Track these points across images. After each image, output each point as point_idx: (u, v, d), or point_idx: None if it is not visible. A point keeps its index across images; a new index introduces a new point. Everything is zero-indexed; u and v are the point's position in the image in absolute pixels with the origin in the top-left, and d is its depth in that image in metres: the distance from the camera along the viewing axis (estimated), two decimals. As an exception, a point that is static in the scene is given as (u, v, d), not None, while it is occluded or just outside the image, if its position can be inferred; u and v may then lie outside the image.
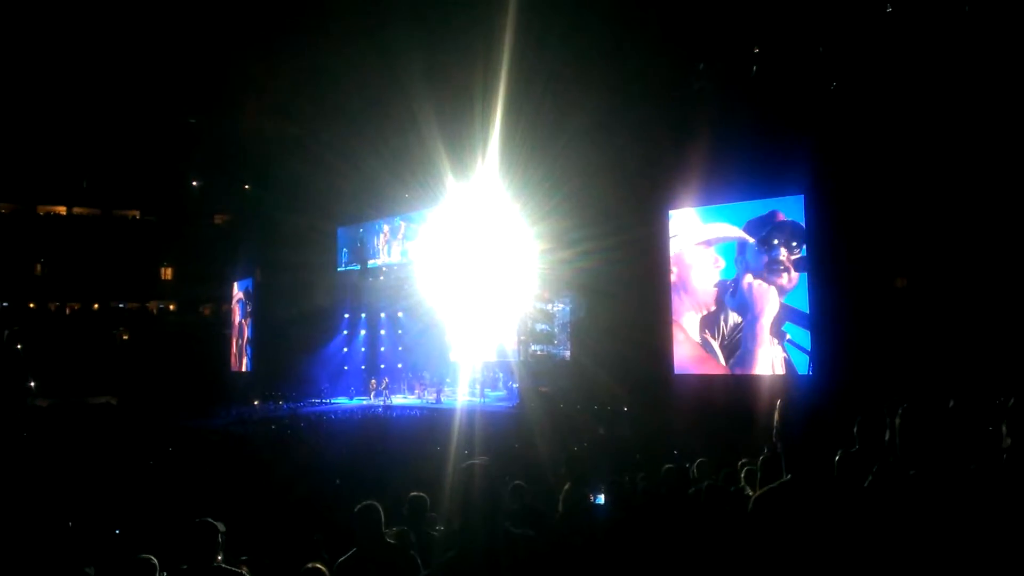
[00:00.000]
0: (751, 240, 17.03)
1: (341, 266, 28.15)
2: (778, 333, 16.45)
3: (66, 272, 37.44)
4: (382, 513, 4.54)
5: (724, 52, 17.46)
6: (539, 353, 21.10)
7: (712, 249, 17.75)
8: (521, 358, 21.08)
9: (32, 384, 29.38)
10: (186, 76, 24.97)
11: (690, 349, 18.00)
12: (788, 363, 16.34)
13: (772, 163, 16.10)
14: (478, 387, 23.27)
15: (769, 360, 16.64)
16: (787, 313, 16.37)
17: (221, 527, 4.41)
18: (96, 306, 38.67)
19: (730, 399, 15.90)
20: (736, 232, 17.30)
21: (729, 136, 16.63)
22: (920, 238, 14.67)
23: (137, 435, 16.83)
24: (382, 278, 27.26)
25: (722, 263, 17.55)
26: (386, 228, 26.28)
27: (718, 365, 17.52)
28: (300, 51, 22.03)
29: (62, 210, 38.74)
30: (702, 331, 17.79)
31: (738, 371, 17.12)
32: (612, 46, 17.52)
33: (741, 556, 3.40)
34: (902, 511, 2.62)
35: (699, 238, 17.98)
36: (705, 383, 17.32)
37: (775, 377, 16.30)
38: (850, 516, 2.54)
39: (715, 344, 17.55)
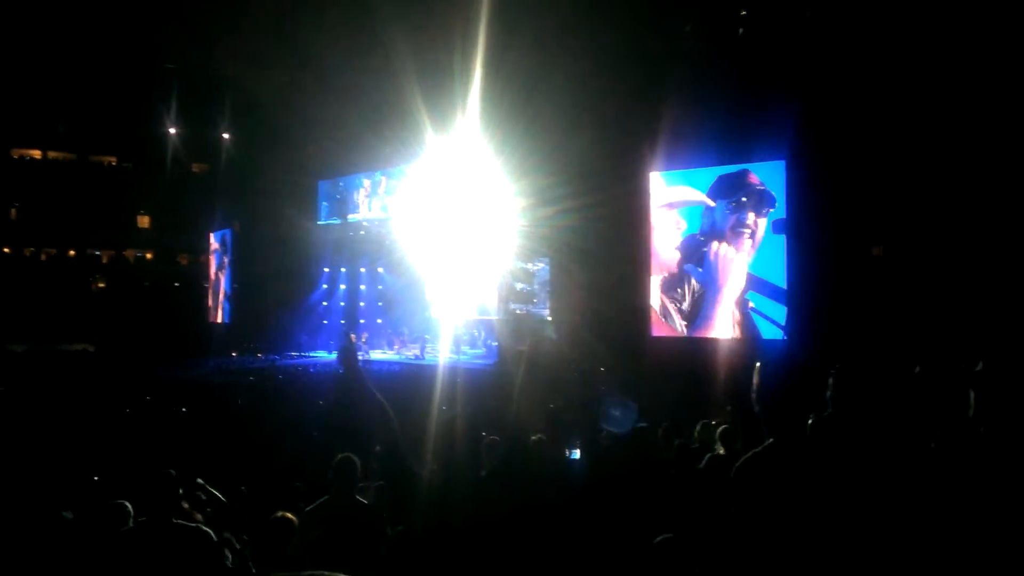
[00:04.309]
0: (712, 203, 17.06)
1: (321, 219, 27.96)
2: (741, 301, 16.62)
3: (41, 217, 36.92)
4: (358, 466, 4.59)
5: (710, 13, 17.33)
6: (519, 312, 21.19)
7: (675, 212, 17.80)
8: (501, 316, 21.17)
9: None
10: (165, 21, 24.42)
11: (652, 311, 18.21)
12: (751, 328, 16.51)
13: (754, 127, 16.11)
14: (456, 344, 23.37)
15: (729, 325, 16.81)
16: (751, 281, 16.52)
17: (179, 476, 4.40)
18: (72, 252, 38.23)
19: (703, 361, 16.12)
20: (698, 196, 17.32)
21: (712, 99, 16.59)
22: (899, 207, 14.81)
23: (114, 383, 16.80)
24: (363, 232, 27.13)
25: (684, 225, 17.60)
26: (366, 182, 26.08)
27: (673, 329, 17.70)
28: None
29: (37, 154, 38.06)
30: (662, 294, 17.95)
31: (695, 335, 17.30)
32: (596, 1, 17.34)
33: (718, 516, 3.49)
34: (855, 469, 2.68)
35: (662, 201, 18.00)
36: (681, 345, 17.52)
37: (741, 341, 16.51)
38: (828, 478, 2.61)
39: (672, 308, 17.71)
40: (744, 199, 16.62)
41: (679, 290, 17.59)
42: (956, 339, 11.14)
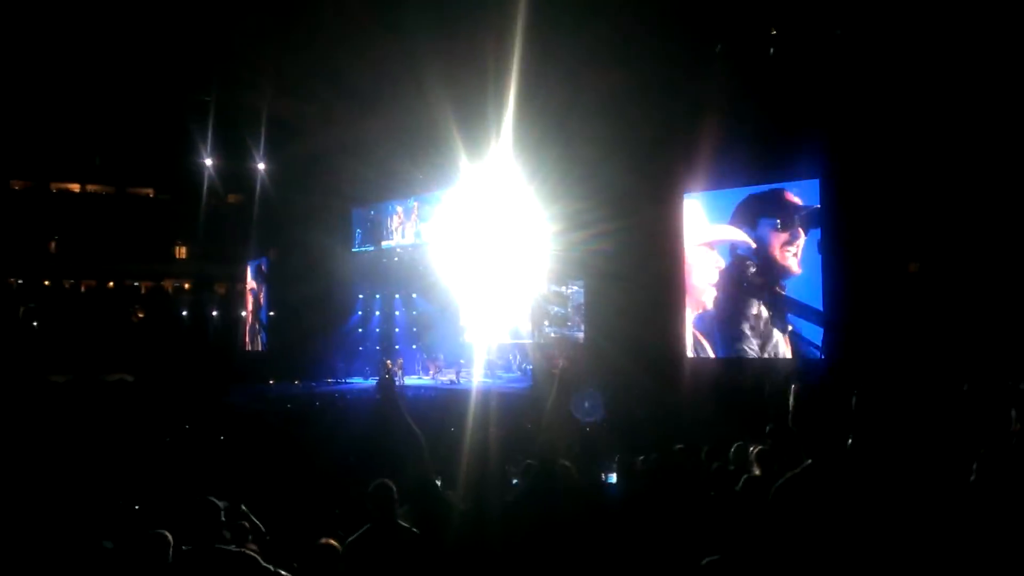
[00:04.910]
0: (753, 244, 17.00)
1: (355, 246, 28.22)
2: (782, 326, 16.46)
3: (80, 249, 37.70)
4: (395, 491, 4.58)
5: (741, 33, 17.31)
6: (553, 335, 21.14)
7: (715, 251, 17.75)
8: (535, 340, 21.13)
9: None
10: (200, 53, 24.96)
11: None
12: (788, 348, 16.38)
13: (788, 146, 15.98)
14: (491, 368, 23.38)
15: (767, 346, 16.72)
16: (787, 303, 16.36)
17: (222, 504, 4.41)
18: (111, 284, 38.96)
19: (740, 382, 15.94)
20: (741, 236, 17.21)
21: (745, 119, 16.52)
22: (935, 223, 14.58)
23: (153, 412, 17.00)
24: (396, 259, 27.32)
25: (723, 263, 17.54)
26: (399, 209, 26.31)
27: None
28: (313, 29, 21.98)
29: (76, 187, 38.92)
30: (696, 328, 17.97)
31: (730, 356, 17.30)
32: (628, 25, 17.39)
33: (756, 540, 3.44)
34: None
35: (703, 239, 17.93)
36: (717, 366, 17.36)
37: (778, 361, 16.34)
38: (868, 499, 2.57)
39: (707, 342, 17.74)
40: (788, 219, 16.43)
41: (715, 324, 17.60)
42: (997, 356, 10.89)
